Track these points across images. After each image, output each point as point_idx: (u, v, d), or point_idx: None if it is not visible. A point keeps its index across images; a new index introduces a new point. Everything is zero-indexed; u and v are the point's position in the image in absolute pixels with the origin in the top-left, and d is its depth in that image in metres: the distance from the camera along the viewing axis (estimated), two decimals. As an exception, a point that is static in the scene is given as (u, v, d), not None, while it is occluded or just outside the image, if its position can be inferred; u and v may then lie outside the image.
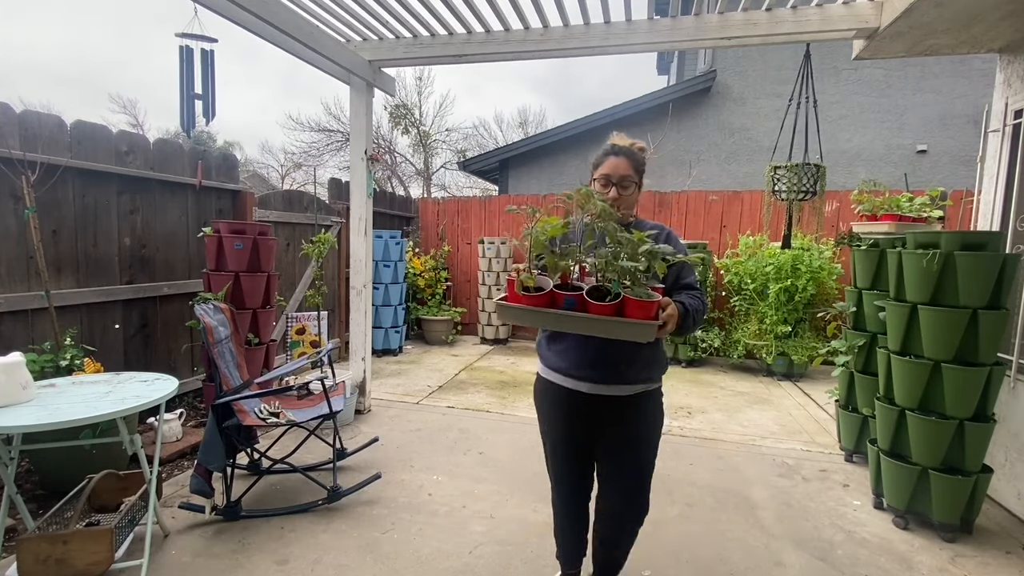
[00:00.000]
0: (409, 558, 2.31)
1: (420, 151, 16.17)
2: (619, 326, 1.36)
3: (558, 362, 1.74)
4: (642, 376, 1.71)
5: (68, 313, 3.14)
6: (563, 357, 1.72)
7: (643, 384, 1.72)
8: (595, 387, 1.69)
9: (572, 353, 1.70)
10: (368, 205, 4.08)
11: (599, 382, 1.68)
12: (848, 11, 3.00)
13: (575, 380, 1.70)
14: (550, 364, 1.77)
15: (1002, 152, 3.17)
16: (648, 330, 1.36)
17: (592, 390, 1.69)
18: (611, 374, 1.67)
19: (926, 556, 2.42)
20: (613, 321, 1.36)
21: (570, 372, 1.71)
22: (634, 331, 1.37)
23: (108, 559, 1.92)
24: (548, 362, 1.79)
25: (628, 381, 1.69)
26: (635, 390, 1.70)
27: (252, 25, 2.96)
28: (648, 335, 1.37)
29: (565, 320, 1.41)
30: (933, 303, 2.52)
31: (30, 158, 2.84)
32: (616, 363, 1.66)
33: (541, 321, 1.47)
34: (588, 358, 1.68)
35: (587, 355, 1.68)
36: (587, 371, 1.68)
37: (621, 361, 1.66)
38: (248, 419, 2.66)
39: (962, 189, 5.14)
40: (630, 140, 1.80)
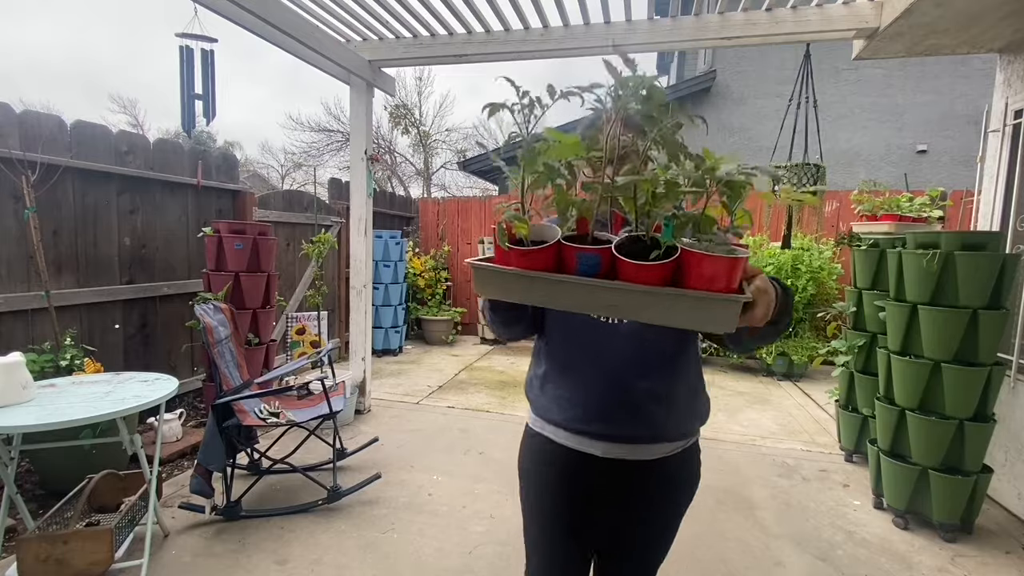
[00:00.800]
0: (409, 558, 2.31)
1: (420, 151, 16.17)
2: (675, 303, 0.78)
3: (559, 411, 1.19)
4: (685, 425, 1.18)
5: (68, 313, 3.14)
6: (567, 404, 1.18)
7: (684, 439, 1.19)
8: (616, 448, 1.15)
9: (581, 395, 1.16)
10: (368, 205, 4.08)
11: (623, 440, 1.14)
12: (848, 11, 3.00)
13: (585, 439, 1.16)
14: (547, 414, 1.22)
15: (1002, 152, 3.17)
16: (727, 310, 0.77)
17: (611, 452, 1.15)
18: (642, 426, 1.13)
19: (926, 556, 2.42)
20: (665, 293, 0.78)
21: (577, 426, 1.17)
22: (702, 311, 0.78)
23: (108, 559, 1.92)
24: (543, 410, 1.23)
25: (667, 436, 1.16)
26: (674, 448, 1.17)
27: (252, 25, 2.96)
28: (727, 320, 0.77)
29: (580, 292, 0.84)
30: (933, 303, 2.52)
31: (30, 158, 2.84)
32: (650, 408, 1.13)
33: (541, 294, 0.87)
34: (606, 402, 1.14)
35: (604, 397, 1.14)
36: (604, 423, 1.14)
37: (658, 404, 1.13)
38: (248, 419, 2.66)
39: (962, 189, 5.14)
40: None
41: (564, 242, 0.86)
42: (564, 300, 0.87)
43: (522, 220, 0.89)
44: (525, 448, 1.32)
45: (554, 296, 0.87)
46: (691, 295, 0.78)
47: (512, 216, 0.89)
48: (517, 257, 0.88)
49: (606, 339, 1.15)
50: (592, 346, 1.17)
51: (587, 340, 1.18)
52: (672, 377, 1.16)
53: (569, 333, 1.21)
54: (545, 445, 1.24)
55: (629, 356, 1.15)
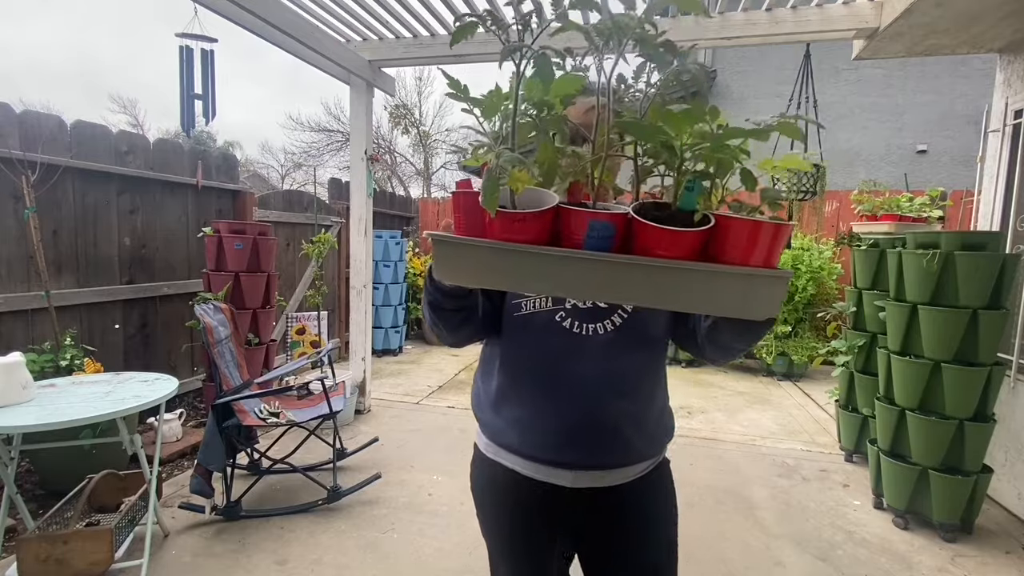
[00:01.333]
0: (409, 558, 2.31)
1: (420, 151, 16.18)
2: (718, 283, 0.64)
3: (518, 437, 1.02)
4: (657, 444, 1.07)
5: (68, 313, 3.14)
6: (528, 428, 1.01)
7: (654, 456, 1.07)
8: (585, 476, 1.00)
9: (546, 418, 0.99)
10: (368, 205, 4.08)
11: (593, 466, 1.00)
12: (848, 11, 3.00)
13: (552, 468, 1.01)
14: (503, 439, 1.05)
15: (1002, 152, 3.17)
16: (774, 290, 0.64)
17: (580, 481, 1.01)
18: (616, 451, 1.01)
19: (926, 556, 2.42)
20: (710, 271, 0.64)
21: (542, 454, 1.00)
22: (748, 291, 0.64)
23: (108, 559, 1.92)
24: (498, 435, 1.06)
25: (640, 457, 1.04)
26: (647, 468, 1.06)
27: (252, 25, 2.96)
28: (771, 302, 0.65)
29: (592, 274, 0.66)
30: (933, 303, 2.52)
31: (30, 158, 2.84)
32: (625, 430, 1.00)
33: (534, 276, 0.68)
34: (576, 425, 0.98)
35: (574, 419, 0.98)
36: (574, 450, 0.99)
37: (633, 424, 1.01)
38: (248, 419, 2.66)
39: (962, 189, 5.14)
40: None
41: (566, 206, 0.67)
42: (567, 285, 0.68)
43: (525, 164, 0.65)
44: (477, 474, 1.15)
45: (554, 279, 0.67)
46: (739, 272, 0.63)
47: (511, 159, 0.63)
48: (504, 225, 0.66)
49: (576, 349, 0.99)
50: (559, 357, 0.99)
51: (552, 349, 1.00)
52: (647, 392, 1.04)
53: (530, 340, 1.01)
54: (502, 476, 1.06)
55: (603, 370, 0.99)
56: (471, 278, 0.72)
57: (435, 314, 0.95)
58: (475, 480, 1.16)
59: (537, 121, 0.69)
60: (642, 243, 0.65)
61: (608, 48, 0.67)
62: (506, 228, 0.67)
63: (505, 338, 1.05)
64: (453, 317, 0.96)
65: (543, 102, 0.68)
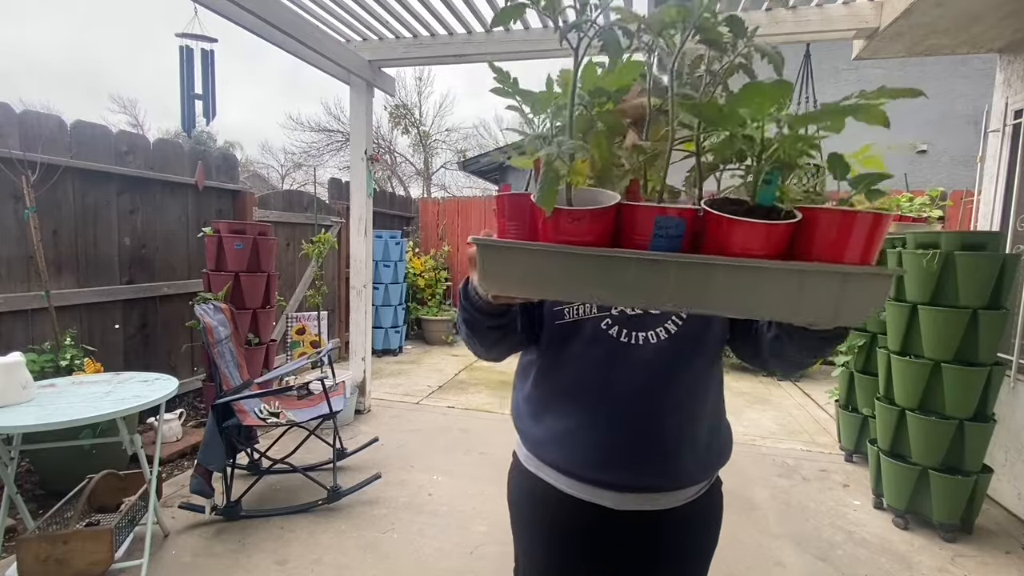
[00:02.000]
0: (409, 558, 2.31)
1: (420, 151, 16.18)
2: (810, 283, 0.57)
3: (560, 452, 0.95)
4: (712, 465, 0.98)
5: (68, 313, 3.14)
6: (566, 442, 0.94)
7: (707, 479, 0.99)
8: (632, 499, 0.93)
9: (584, 434, 0.92)
10: (368, 205, 4.08)
11: (639, 488, 0.92)
12: (848, 11, 3.00)
13: (596, 488, 0.93)
14: (544, 453, 0.98)
15: (1002, 152, 3.17)
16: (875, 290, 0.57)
17: (625, 504, 0.93)
18: (667, 472, 0.93)
19: (926, 556, 2.42)
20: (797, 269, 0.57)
21: (579, 471, 0.94)
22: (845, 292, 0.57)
23: (108, 559, 1.92)
24: (538, 447, 0.99)
25: (693, 479, 0.95)
26: (698, 491, 0.97)
27: (252, 25, 2.96)
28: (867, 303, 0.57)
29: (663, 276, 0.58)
30: (933, 303, 2.52)
31: (30, 158, 2.84)
32: (678, 449, 0.92)
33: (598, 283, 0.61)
34: (615, 441, 0.91)
35: (614, 435, 0.91)
36: (621, 471, 0.91)
37: (687, 443, 0.93)
38: (248, 419, 2.66)
39: (962, 189, 5.14)
40: None
41: (629, 203, 0.60)
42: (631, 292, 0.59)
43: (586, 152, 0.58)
44: (515, 486, 1.07)
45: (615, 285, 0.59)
46: (833, 270, 0.55)
47: (575, 147, 0.56)
48: (559, 226, 0.59)
49: (624, 359, 0.92)
50: (605, 368, 0.92)
51: (598, 360, 0.93)
52: (701, 407, 0.95)
53: (573, 349, 0.95)
54: (541, 491, 0.98)
55: (653, 382, 0.91)
56: (521, 287, 0.64)
57: (471, 331, 0.91)
58: (512, 492, 1.08)
59: (593, 114, 0.62)
60: (718, 241, 0.58)
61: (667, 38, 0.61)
62: (562, 230, 0.60)
63: (545, 347, 0.99)
64: (490, 334, 0.91)
65: (599, 91, 0.61)
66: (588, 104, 0.63)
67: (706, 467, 0.97)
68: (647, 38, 0.61)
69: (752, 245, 0.56)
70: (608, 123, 0.62)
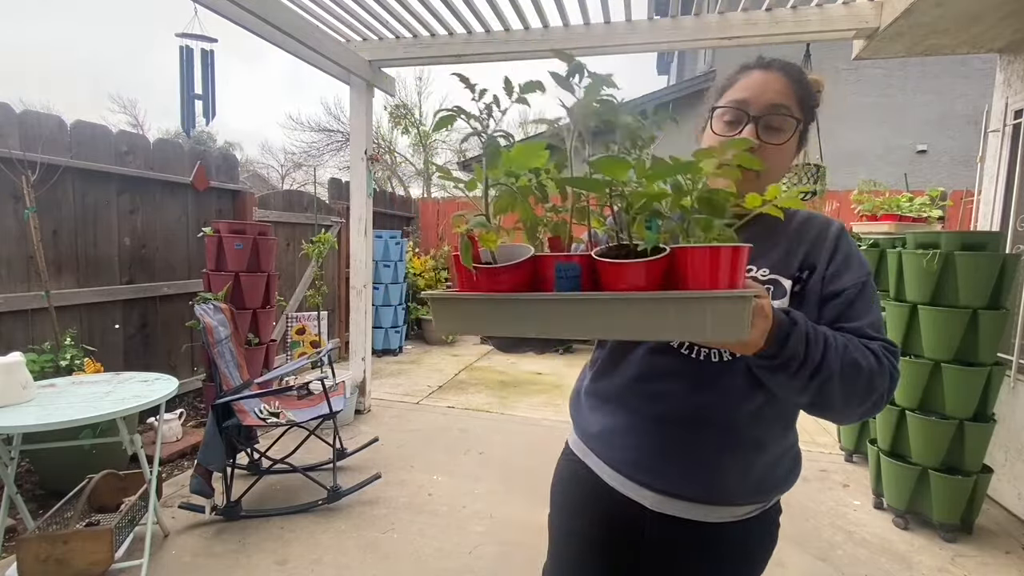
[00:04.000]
0: (409, 558, 2.31)
1: (420, 151, 16.17)
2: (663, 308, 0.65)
3: (603, 446, 0.98)
4: (764, 489, 0.93)
5: (68, 313, 3.14)
6: (612, 439, 0.97)
7: (757, 503, 0.93)
8: (668, 503, 0.91)
9: (632, 436, 0.94)
10: (368, 205, 4.08)
11: (677, 495, 0.91)
12: (848, 11, 3.00)
13: (632, 484, 0.94)
14: (589, 442, 1.01)
15: (1002, 152, 3.17)
16: (729, 310, 0.63)
17: (661, 506, 0.92)
18: (707, 485, 0.90)
19: (926, 556, 2.42)
20: (648, 298, 0.65)
21: (621, 467, 0.95)
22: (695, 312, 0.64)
23: (108, 559, 1.92)
24: (585, 435, 1.03)
25: (733, 500, 0.91)
26: (746, 512, 0.92)
27: (252, 25, 2.96)
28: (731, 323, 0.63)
29: (561, 312, 0.70)
30: (933, 303, 2.52)
31: (30, 158, 2.84)
32: (718, 466, 0.89)
33: (509, 319, 0.74)
34: (662, 448, 0.92)
35: (660, 442, 0.92)
36: (655, 474, 0.92)
37: (731, 463, 0.90)
38: (248, 419, 2.66)
39: (962, 189, 5.14)
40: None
41: (540, 254, 0.75)
42: (538, 325, 0.72)
43: (489, 227, 0.75)
44: (561, 467, 1.10)
45: (535, 320, 0.72)
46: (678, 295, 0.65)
47: (478, 223, 0.75)
48: (485, 278, 0.74)
49: (687, 374, 0.90)
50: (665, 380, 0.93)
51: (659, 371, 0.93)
52: (762, 434, 0.91)
53: (638, 353, 0.96)
54: (584, 476, 1.01)
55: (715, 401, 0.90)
56: (466, 327, 0.78)
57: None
58: (558, 474, 1.11)
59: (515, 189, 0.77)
60: (603, 280, 0.71)
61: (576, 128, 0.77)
62: (490, 282, 0.74)
63: (611, 347, 1.01)
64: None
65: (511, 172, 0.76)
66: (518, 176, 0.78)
67: (756, 492, 0.92)
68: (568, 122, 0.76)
69: (622, 280, 0.68)
70: (527, 194, 0.77)
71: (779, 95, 0.89)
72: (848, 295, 0.87)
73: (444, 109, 0.76)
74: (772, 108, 0.88)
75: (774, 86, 0.89)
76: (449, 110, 0.76)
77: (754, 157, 0.70)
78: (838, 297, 0.87)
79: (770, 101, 0.88)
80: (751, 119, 0.89)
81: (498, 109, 0.75)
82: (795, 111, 0.90)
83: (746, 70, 0.94)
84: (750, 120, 0.89)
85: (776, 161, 0.90)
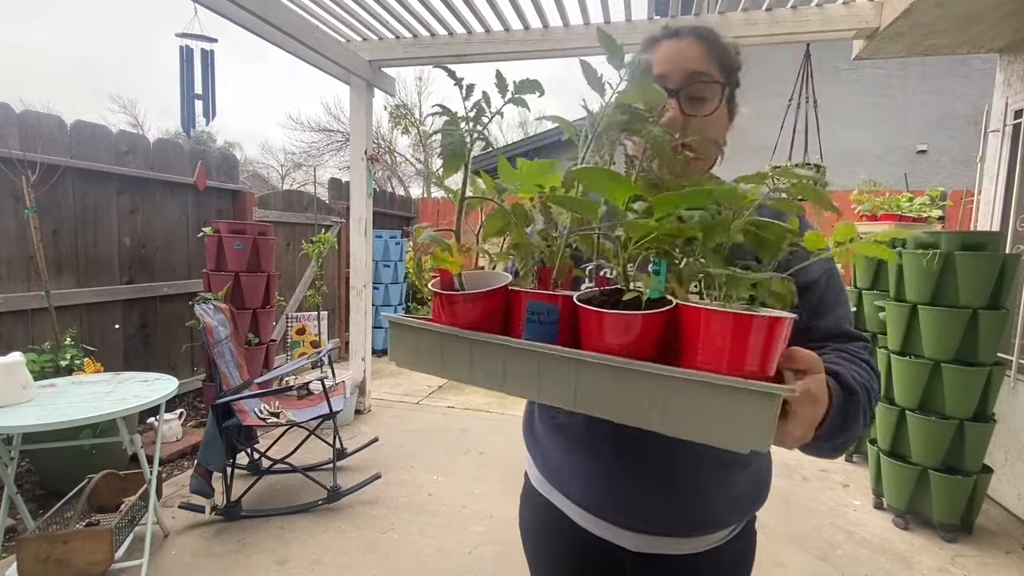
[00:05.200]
0: (409, 558, 2.31)
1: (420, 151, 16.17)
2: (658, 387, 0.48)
3: (569, 479, 0.87)
4: (744, 506, 0.87)
5: (68, 313, 3.13)
6: (581, 473, 0.85)
7: (737, 520, 0.88)
8: (653, 541, 0.84)
9: (604, 468, 0.83)
10: (368, 205, 4.08)
11: (662, 532, 0.83)
12: (848, 11, 3.00)
13: (609, 525, 0.85)
14: (554, 476, 0.90)
15: (1002, 152, 3.17)
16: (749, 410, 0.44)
17: (646, 547, 0.84)
18: (692, 515, 0.82)
19: (926, 556, 2.42)
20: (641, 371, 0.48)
21: (593, 506, 0.85)
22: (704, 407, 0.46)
23: (108, 559, 1.92)
24: (549, 470, 0.92)
25: (721, 522, 0.85)
26: (727, 535, 0.88)
27: (252, 25, 2.96)
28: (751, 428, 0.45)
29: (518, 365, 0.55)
30: (933, 303, 2.52)
31: (30, 158, 2.84)
32: (701, 489, 0.82)
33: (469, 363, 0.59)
34: (638, 480, 0.81)
35: (637, 473, 0.81)
36: (635, 511, 0.82)
37: (712, 483, 0.82)
38: (248, 419, 2.66)
39: (962, 189, 5.14)
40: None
41: (513, 287, 0.60)
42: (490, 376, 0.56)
43: (446, 246, 0.60)
44: (525, 508, 1.00)
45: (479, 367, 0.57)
46: (683, 376, 0.46)
47: (430, 238, 0.60)
48: (449, 309, 0.60)
49: None
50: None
51: None
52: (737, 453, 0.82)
53: None
54: (555, 519, 0.90)
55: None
56: (416, 363, 0.64)
57: None
58: (523, 516, 1.01)
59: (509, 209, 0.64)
60: (582, 330, 0.54)
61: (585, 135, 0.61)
62: (451, 312, 0.60)
63: None
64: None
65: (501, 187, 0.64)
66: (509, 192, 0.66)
67: (735, 510, 0.86)
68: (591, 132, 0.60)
69: (616, 338, 0.50)
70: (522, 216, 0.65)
71: (695, 61, 0.81)
72: (819, 287, 0.80)
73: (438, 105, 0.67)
74: (691, 77, 0.80)
75: (688, 53, 0.82)
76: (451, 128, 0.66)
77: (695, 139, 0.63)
78: (809, 290, 0.79)
79: (687, 70, 0.80)
80: (671, 94, 0.79)
81: (488, 109, 0.64)
82: (716, 75, 0.82)
83: (654, 42, 0.85)
84: (671, 95, 0.79)
85: (709, 134, 0.81)
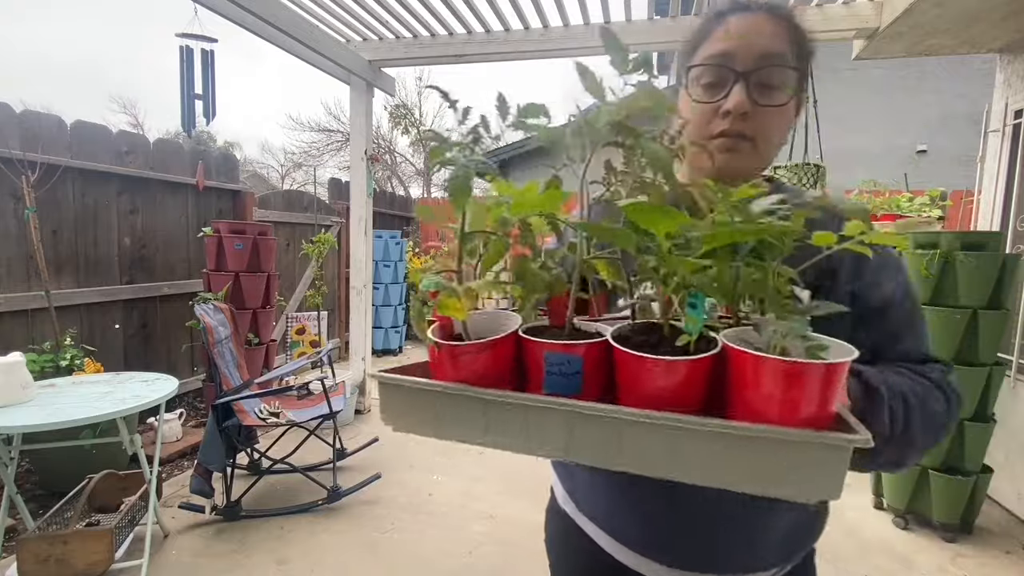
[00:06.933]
0: (409, 558, 2.31)
1: (420, 151, 16.17)
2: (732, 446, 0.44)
3: (598, 505, 0.82)
4: (789, 549, 0.77)
5: (68, 313, 3.13)
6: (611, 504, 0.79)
7: (787, 563, 0.78)
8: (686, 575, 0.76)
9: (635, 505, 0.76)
10: (368, 205, 4.08)
11: (694, 568, 0.74)
12: (848, 11, 3.00)
13: (639, 556, 0.77)
14: (583, 501, 0.84)
15: (1002, 152, 3.17)
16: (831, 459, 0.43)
17: None
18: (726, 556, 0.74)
19: (926, 556, 2.42)
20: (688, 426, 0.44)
21: (622, 537, 0.78)
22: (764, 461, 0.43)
23: (108, 559, 1.92)
24: (577, 492, 0.86)
25: (761, 566, 0.75)
26: (777, 572, 0.77)
27: (252, 25, 2.96)
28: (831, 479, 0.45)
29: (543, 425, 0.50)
30: (933, 303, 2.52)
31: (30, 158, 2.84)
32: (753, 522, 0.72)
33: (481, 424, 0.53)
34: (667, 519, 0.74)
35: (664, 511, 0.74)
36: (667, 550, 0.75)
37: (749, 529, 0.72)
38: (248, 419, 2.66)
39: (962, 189, 5.14)
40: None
41: (524, 336, 0.52)
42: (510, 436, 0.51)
43: (452, 292, 0.50)
44: (551, 523, 0.93)
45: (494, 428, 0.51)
46: (749, 433, 0.42)
47: (434, 284, 0.50)
48: (452, 363, 0.53)
49: None
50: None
51: None
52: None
53: None
54: (583, 545, 0.82)
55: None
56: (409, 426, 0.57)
57: None
58: (548, 531, 0.96)
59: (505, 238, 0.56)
60: (620, 376, 0.49)
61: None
62: (455, 366, 0.53)
63: None
64: None
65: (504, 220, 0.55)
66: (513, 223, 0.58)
67: (779, 552, 0.76)
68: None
69: (644, 387, 0.46)
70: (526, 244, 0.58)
71: (772, 41, 0.68)
72: (891, 310, 0.68)
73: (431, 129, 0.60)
74: (765, 59, 0.67)
75: (763, 29, 0.68)
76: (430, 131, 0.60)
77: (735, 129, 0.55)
78: (881, 314, 0.67)
79: (762, 50, 0.67)
80: (739, 76, 0.67)
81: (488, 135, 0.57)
82: (791, 59, 0.69)
83: (720, 16, 0.72)
84: (738, 78, 0.67)
85: (775, 128, 0.70)
